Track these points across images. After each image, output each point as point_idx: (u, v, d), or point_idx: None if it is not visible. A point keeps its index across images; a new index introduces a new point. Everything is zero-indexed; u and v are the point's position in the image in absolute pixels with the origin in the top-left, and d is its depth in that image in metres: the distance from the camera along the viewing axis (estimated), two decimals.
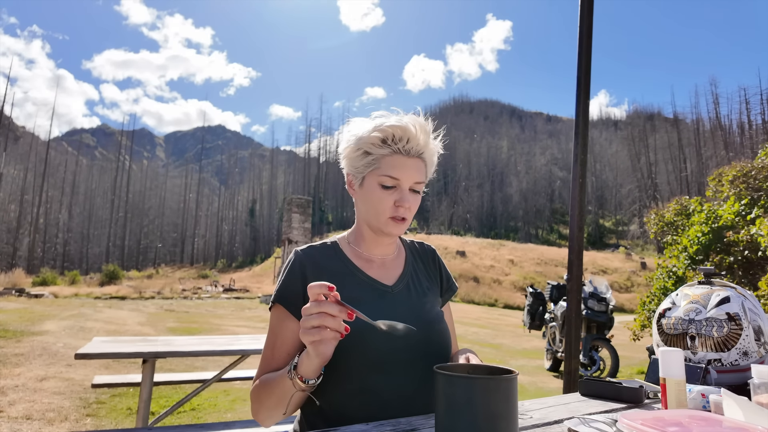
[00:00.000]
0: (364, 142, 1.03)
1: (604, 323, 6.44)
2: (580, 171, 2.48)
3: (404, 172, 1.03)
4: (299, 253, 1.09)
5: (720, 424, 0.59)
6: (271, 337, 1.04)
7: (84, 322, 10.20)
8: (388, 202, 1.03)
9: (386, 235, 1.07)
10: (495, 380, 0.69)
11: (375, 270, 1.11)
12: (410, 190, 1.05)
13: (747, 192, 7.74)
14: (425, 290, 1.14)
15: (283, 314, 1.03)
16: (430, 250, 1.26)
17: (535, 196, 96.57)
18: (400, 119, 1.03)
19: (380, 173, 1.03)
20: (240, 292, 25.90)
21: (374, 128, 1.02)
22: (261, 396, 0.96)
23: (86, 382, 5.00)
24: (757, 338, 1.14)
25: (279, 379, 0.92)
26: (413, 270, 1.17)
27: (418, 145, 1.04)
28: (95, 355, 2.53)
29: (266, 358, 1.03)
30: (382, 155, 1.03)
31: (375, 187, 1.04)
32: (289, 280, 1.05)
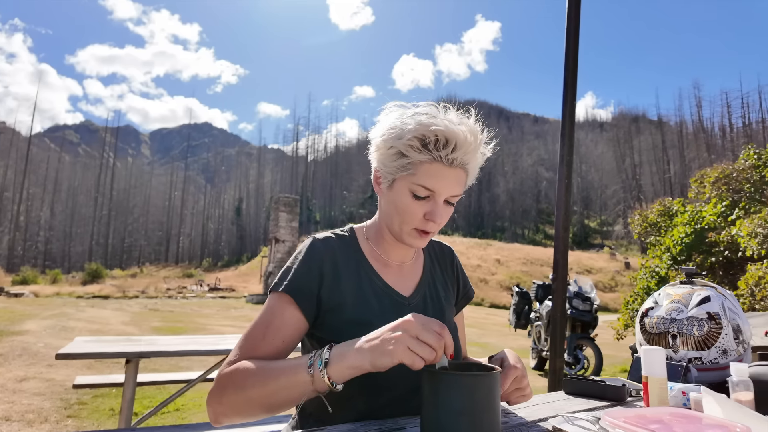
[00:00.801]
0: (400, 141, 0.87)
1: (589, 322, 6.52)
2: (566, 172, 2.51)
3: (442, 184, 0.89)
4: (318, 243, 0.97)
5: (700, 421, 0.61)
6: (268, 316, 0.90)
7: (66, 322, 10.02)
8: (417, 214, 0.91)
9: (407, 245, 0.98)
10: (478, 377, 0.70)
11: (392, 276, 1.02)
12: (444, 201, 0.92)
13: (728, 194, 7.90)
14: (442, 301, 1.07)
15: (289, 301, 0.91)
16: (449, 252, 1.18)
17: (521, 196, 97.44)
18: (449, 121, 0.87)
19: (414, 181, 0.89)
20: (226, 292, 25.69)
21: (415, 128, 0.87)
22: (246, 383, 0.80)
23: (68, 382, 4.91)
24: (735, 337, 1.17)
25: (287, 369, 0.79)
26: (431, 277, 1.09)
27: (464, 154, 0.88)
28: (77, 355, 2.49)
29: (253, 338, 0.89)
30: (419, 161, 0.88)
31: (405, 194, 0.91)
32: (304, 273, 0.93)
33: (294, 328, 0.91)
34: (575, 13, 2.57)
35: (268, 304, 0.93)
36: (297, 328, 0.92)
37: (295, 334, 0.91)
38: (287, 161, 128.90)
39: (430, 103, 0.93)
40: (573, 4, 2.57)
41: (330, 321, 0.93)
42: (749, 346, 1.22)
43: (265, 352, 0.88)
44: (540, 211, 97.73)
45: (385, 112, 0.94)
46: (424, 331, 0.71)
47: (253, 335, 0.89)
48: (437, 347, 0.71)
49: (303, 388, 0.77)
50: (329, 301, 0.93)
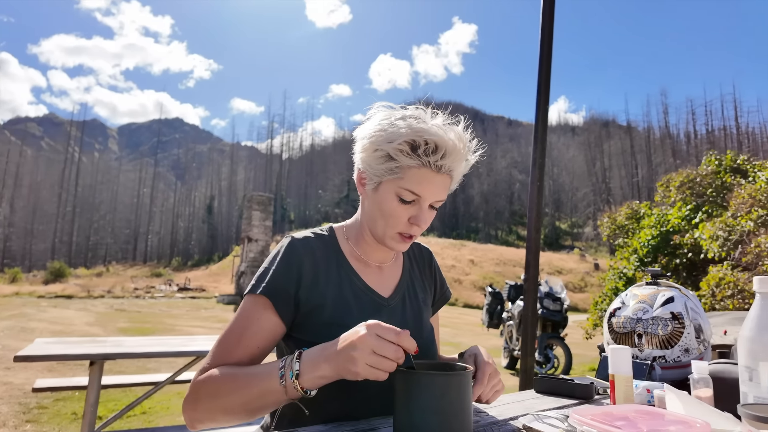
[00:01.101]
0: (390, 144, 0.86)
1: (559, 322, 6.66)
2: (538, 174, 2.55)
3: (429, 189, 0.89)
4: (297, 243, 0.95)
5: (662, 418, 0.62)
6: (242, 322, 0.88)
7: (26, 323, 9.63)
8: (402, 218, 0.91)
9: (389, 249, 0.98)
10: (449, 377, 0.70)
11: (372, 277, 1.02)
12: (429, 206, 0.93)
13: (692, 198, 8.22)
14: (420, 303, 1.07)
15: (266, 304, 0.89)
16: (428, 253, 1.19)
17: (495, 198, 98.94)
18: (439, 128, 0.87)
19: (401, 185, 0.89)
20: (196, 292, 25.18)
21: (407, 132, 0.86)
22: (220, 391, 0.80)
23: (27, 386, 4.72)
24: (697, 336, 1.21)
25: (260, 378, 0.78)
26: (409, 279, 1.09)
27: (453, 162, 0.89)
28: (37, 357, 2.39)
29: (228, 344, 0.87)
30: (408, 166, 0.87)
31: (391, 198, 0.90)
32: (282, 274, 0.91)
33: (270, 333, 0.89)
34: (549, 20, 2.62)
35: (244, 307, 0.91)
36: (273, 333, 0.90)
37: (271, 339, 0.90)
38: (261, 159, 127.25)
39: (419, 107, 0.92)
40: (547, 11, 2.62)
41: (308, 323, 0.92)
42: (709, 344, 1.27)
43: (240, 357, 0.87)
44: (513, 212, 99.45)
45: (372, 112, 0.93)
46: (379, 345, 0.71)
47: (228, 340, 0.88)
48: (395, 358, 0.71)
49: (276, 397, 0.77)
50: (307, 303, 0.92)
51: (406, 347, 0.72)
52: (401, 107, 0.93)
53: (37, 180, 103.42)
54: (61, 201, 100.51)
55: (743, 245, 6.00)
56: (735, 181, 7.77)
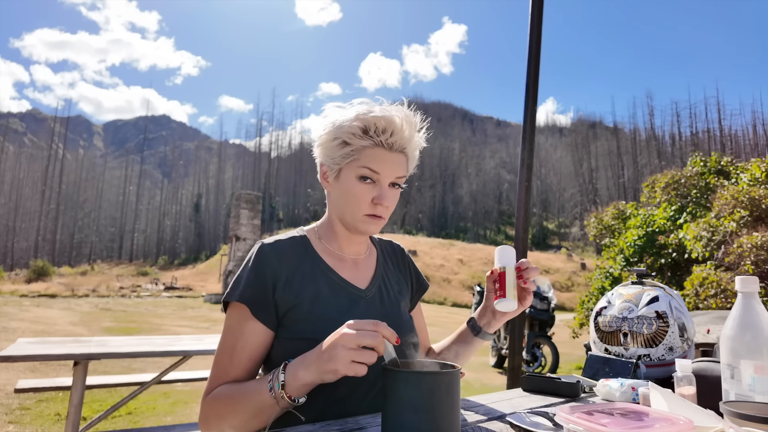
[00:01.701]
0: (343, 131, 0.94)
1: (546, 321, 6.73)
2: (526, 175, 2.57)
3: (385, 166, 0.95)
4: (266, 248, 0.98)
5: (647, 415, 0.63)
6: (229, 339, 0.92)
7: (7, 322, 9.45)
8: (366, 198, 0.96)
9: (361, 233, 1.01)
10: (437, 375, 0.71)
11: (347, 270, 1.04)
12: (391, 185, 0.98)
13: (677, 198, 8.34)
14: (396, 294, 1.10)
15: (245, 313, 0.91)
16: (399, 249, 1.22)
17: (484, 197, 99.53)
18: (385, 110, 0.94)
19: (359, 164, 0.94)
20: (183, 291, 24.93)
21: (356, 117, 0.93)
22: (223, 412, 0.85)
23: (9, 387, 4.63)
24: (681, 334, 1.23)
25: (253, 394, 0.83)
26: (384, 271, 1.12)
27: (402, 138, 0.95)
28: (19, 357, 2.35)
29: (222, 365, 0.91)
30: (362, 146, 0.94)
31: (353, 181, 0.95)
32: (254, 279, 0.93)
33: (258, 342, 0.92)
34: (537, 21, 2.64)
35: (228, 324, 0.94)
36: (262, 340, 0.93)
37: (261, 347, 0.93)
38: (249, 157, 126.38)
39: (365, 100, 0.98)
40: (535, 13, 2.64)
41: (289, 321, 0.93)
42: (693, 343, 1.29)
43: (237, 374, 0.91)
44: (501, 212, 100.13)
45: (326, 112, 0.99)
46: (360, 338, 0.73)
47: (221, 361, 0.93)
48: (377, 344, 0.73)
49: (272, 410, 0.81)
50: (286, 303, 0.93)
51: (386, 335, 0.74)
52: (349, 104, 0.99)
53: (19, 177, 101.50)
54: (45, 198, 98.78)
55: (726, 245, 6.11)
56: (718, 183, 7.91)
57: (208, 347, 2.95)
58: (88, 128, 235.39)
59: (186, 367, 4.22)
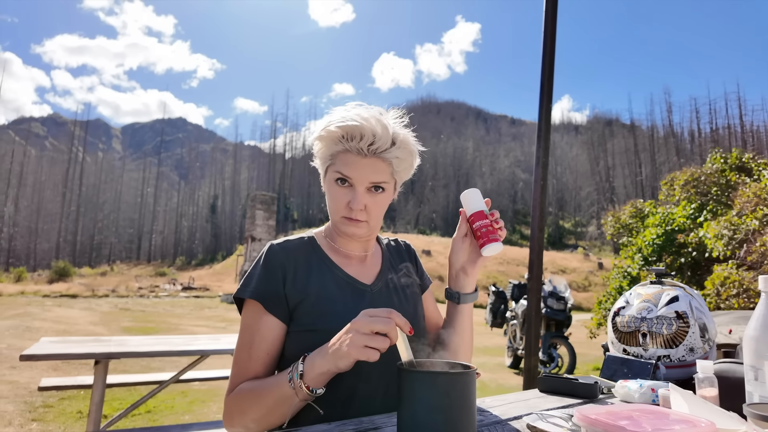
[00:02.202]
0: (323, 136, 0.98)
1: (563, 321, 6.65)
2: (541, 173, 2.55)
3: (357, 171, 0.96)
4: (275, 247, 1.02)
5: (667, 417, 0.62)
6: (246, 336, 0.95)
7: (30, 322, 9.68)
8: (342, 201, 0.98)
9: (345, 235, 1.03)
10: (453, 375, 0.70)
11: (353, 267, 1.06)
12: (373, 188, 0.99)
13: (696, 196, 8.18)
14: (404, 287, 1.11)
15: (259, 309, 0.95)
16: (405, 244, 1.24)
17: (498, 197, 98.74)
18: (357, 115, 0.95)
19: (334, 169, 0.98)
20: (200, 291, 25.24)
21: (329, 122, 0.97)
22: (245, 406, 0.88)
23: (32, 385, 4.74)
24: (702, 335, 1.21)
25: (273, 387, 0.85)
26: (391, 267, 1.13)
27: (372, 144, 0.95)
28: (43, 356, 2.40)
29: (242, 362, 0.95)
30: (337, 151, 0.98)
31: (332, 183, 1.00)
32: (266, 277, 0.97)
33: (274, 337, 0.95)
34: (552, 18, 2.62)
35: (243, 321, 0.98)
36: (277, 334, 0.96)
37: (276, 341, 0.96)
38: (264, 158, 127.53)
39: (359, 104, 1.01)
40: (549, 10, 2.62)
41: (297, 315, 0.96)
42: (714, 343, 1.26)
43: (256, 370, 0.94)
44: (516, 211, 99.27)
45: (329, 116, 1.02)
46: (373, 323, 0.75)
47: (240, 359, 0.95)
48: (389, 330, 0.75)
49: (291, 401, 0.83)
50: (295, 298, 0.97)
51: (399, 323, 0.76)
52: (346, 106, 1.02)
53: (41, 180, 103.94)
54: (65, 200, 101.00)
55: (748, 244, 5.97)
56: (740, 180, 7.72)
57: (224, 347, 2.98)
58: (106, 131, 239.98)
59: (203, 366, 4.28)
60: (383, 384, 0.93)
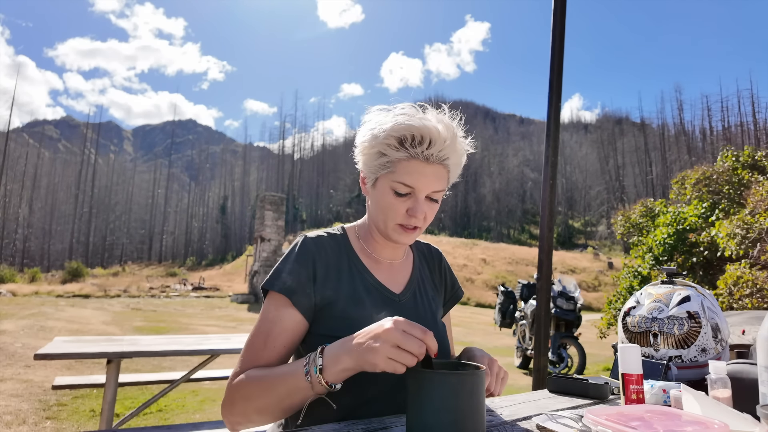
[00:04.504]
0: (379, 141, 0.91)
1: (573, 321, 6.60)
2: (550, 173, 2.53)
3: (421, 180, 0.91)
4: (309, 242, 0.99)
5: (679, 418, 0.62)
6: (266, 324, 0.91)
7: (44, 322, 9.81)
8: (400, 210, 0.94)
9: (394, 242, 1.00)
10: (463, 376, 0.70)
11: (383, 273, 1.04)
12: (427, 198, 0.95)
13: (708, 195, 8.07)
14: (430, 300, 1.09)
15: (284, 302, 0.92)
16: (437, 254, 1.20)
17: (507, 196, 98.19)
18: (423, 119, 0.90)
19: (394, 178, 0.91)
20: (210, 291, 25.42)
21: (392, 127, 0.89)
22: (252, 394, 0.84)
23: (46, 383, 4.81)
24: (714, 335, 1.19)
25: (287, 377, 0.81)
26: (420, 276, 1.11)
27: (441, 151, 0.91)
28: (56, 355, 2.43)
29: (255, 348, 0.90)
30: (398, 159, 0.91)
31: (387, 192, 0.94)
32: (297, 270, 0.94)
33: (294, 331, 0.93)
34: (560, 17, 2.60)
35: (266, 309, 0.94)
36: (297, 330, 0.93)
37: (296, 336, 0.93)
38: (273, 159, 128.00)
39: (410, 104, 0.94)
40: (558, 8, 2.60)
41: (323, 317, 0.94)
42: (727, 344, 1.24)
43: (268, 359, 0.90)
44: (525, 211, 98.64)
45: (368, 116, 0.96)
46: (404, 340, 0.72)
47: (254, 344, 0.91)
48: (418, 354, 0.72)
49: (304, 393, 0.80)
50: (322, 298, 0.94)
51: (430, 346, 0.74)
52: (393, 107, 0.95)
53: (54, 181, 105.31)
54: (78, 202, 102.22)
55: (762, 243, 5.88)
56: (753, 178, 7.61)
57: (235, 346, 3.00)
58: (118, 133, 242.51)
59: (214, 365, 4.31)
60: (393, 384, 0.92)
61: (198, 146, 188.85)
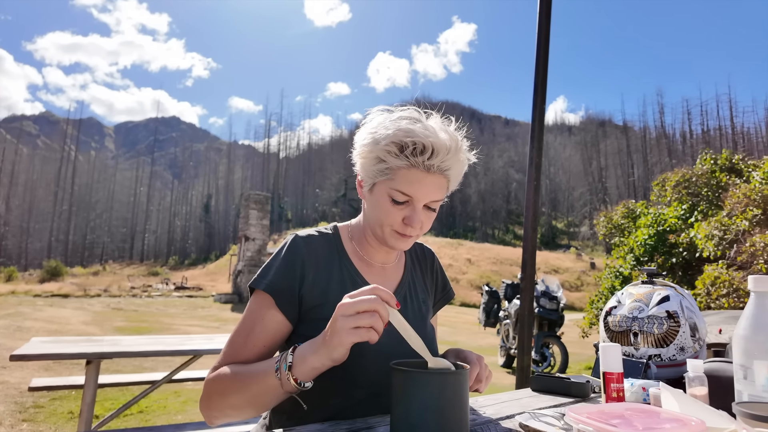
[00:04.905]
0: (379, 147, 0.87)
1: (555, 321, 6.68)
2: (534, 174, 2.56)
3: (420, 190, 0.88)
4: (300, 241, 0.97)
5: (658, 416, 0.63)
6: (248, 322, 0.91)
7: (21, 322, 9.59)
8: (396, 218, 0.92)
9: (389, 248, 0.98)
10: (446, 375, 0.71)
11: (374, 276, 1.03)
12: (425, 207, 0.93)
13: (688, 197, 8.25)
14: (420, 304, 1.08)
15: (269, 301, 0.91)
16: (430, 254, 1.19)
17: (492, 197, 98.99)
18: (427, 128, 0.87)
19: (392, 186, 0.89)
20: (193, 291, 25.11)
21: (394, 134, 0.86)
22: (227, 389, 0.84)
23: (23, 385, 4.70)
24: (692, 334, 1.22)
25: (259, 375, 0.81)
26: (411, 278, 1.10)
27: (444, 162, 0.88)
28: (33, 356, 2.38)
29: (236, 345, 0.90)
30: (397, 167, 0.88)
31: (384, 198, 0.91)
32: (285, 271, 0.92)
33: (276, 332, 0.92)
34: (545, 20, 2.63)
35: (250, 307, 0.93)
36: (278, 331, 0.92)
37: (277, 337, 0.92)
38: (258, 158, 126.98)
39: (414, 108, 0.92)
40: (544, 11, 2.63)
41: (311, 318, 0.93)
42: (705, 343, 1.27)
43: (248, 357, 0.89)
44: (510, 211, 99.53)
45: (369, 117, 0.94)
46: (358, 304, 0.72)
47: (236, 341, 0.91)
48: (375, 307, 0.71)
49: (275, 391, 0.79)
50: (310, 300, 0.93)
51: (385, 297, 0.73)
52: (396, 109, 0.93)
53: (33, 179, 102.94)
54: (58, 200, 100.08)
55: (738, 244, 6.02)
56: (730, 181, 7.80)
57: (218, 346, 2.97)
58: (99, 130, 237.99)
59: (196, 366, 4.25)
60: (377, 383, 0.92)
61: (182, 144, 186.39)
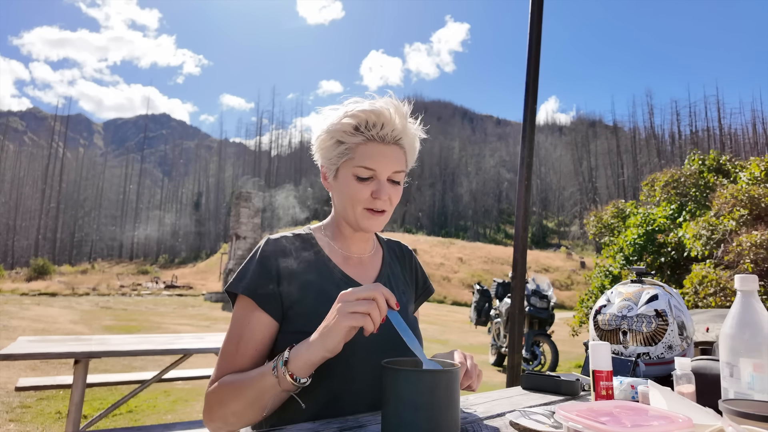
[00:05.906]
0: (335, 130, 0.95)
1: (546, 319, 6.73)
2: (526, 173, 2.57)
3: (381, 162, 0.94)
4: (272, 242, 1.00)
5: (646, 413, 0.63)
6: (236, 329, 0.93)
7: (8, 321, 9.46)
8: (364, 194, 0.95)
9: (363, 229, 1.00)
10: (437, 373, 0.71)
11: (352, 268, 1.04)
12: (389, 180, 0.98)
13: (676, 197, 8.35)
14: (401, 294, 1.09)
15: (251, 305, 0.93)
16: (408, 251, 1.21)
17: (484, 196, 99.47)
18: (374, 103, 0.95)
19: (354, 164, 0.94)
20: (183, 289, 24.94)
21: (345, 114, 0.94)
22: (226, 397, 0.85)
23: (9, 385, 4.64)
24: (680, 333, 1.23)
25: (257, 377, 0.83)
26: (390, 271, 1.11)
27: (394, 130, 0.95)
28: (20, 355, 2.35)
29: (228, 355, 0.92)
30: (355, 144, 0.94)
31: (349, 179, 0.96)
32: (259, 272, 0.95)
33: (264, 334, 0.93)
34: (537, 21, 2.64)
35: (234, 316, 0.95)
36: (266, 332, 0.94)
37: (266, 338, 0.94)
38: (249, 155, 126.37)
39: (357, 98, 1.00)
40: (535, 13, 2.64)
41: (293, 315, 0.94)
42: (692, 341, 1.29)
43: (242, 364, 0.91)
44: (501, 211, 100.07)
45: (320, 116, 1.01)
46: (359, 292, 0.77)
47: (227, 351, 0.93)
48: (375, 295, 0.75)
49: (273, 391, 0.81)
50: (290, 297, 0.95)
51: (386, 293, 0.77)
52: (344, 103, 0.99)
53: (19, 176, 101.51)
54: (45, 197, 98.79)
55: (725, 244, 6.11)
56: (718, 181, 7.90)
57: (208, 345, 2.95)
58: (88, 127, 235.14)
59: (186, 365, 4.23)
60: (367, 381, 0.92)
61: (172, 141, 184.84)
